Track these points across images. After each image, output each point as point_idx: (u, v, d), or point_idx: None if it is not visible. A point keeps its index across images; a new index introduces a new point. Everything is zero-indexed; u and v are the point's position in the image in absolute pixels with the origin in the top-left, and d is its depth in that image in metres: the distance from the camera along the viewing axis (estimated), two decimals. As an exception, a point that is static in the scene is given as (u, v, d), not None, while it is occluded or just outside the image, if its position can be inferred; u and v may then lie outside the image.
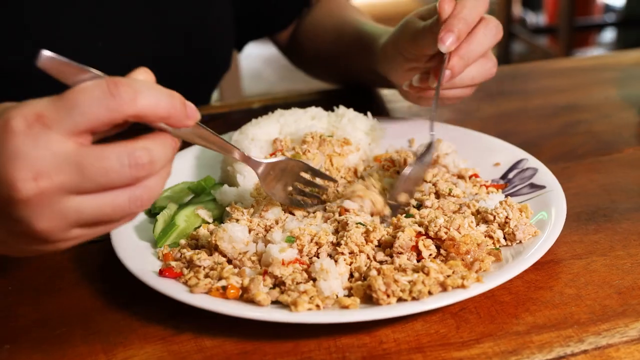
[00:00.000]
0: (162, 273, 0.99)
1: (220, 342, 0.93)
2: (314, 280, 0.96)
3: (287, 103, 1.64)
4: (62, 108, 0.71)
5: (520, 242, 1.04)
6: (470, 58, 1.15)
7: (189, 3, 1.54)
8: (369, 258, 1.00)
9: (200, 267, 0.99)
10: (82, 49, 1.38)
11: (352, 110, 1.30)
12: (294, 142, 1.23)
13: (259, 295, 0.92)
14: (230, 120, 1.61)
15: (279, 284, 0.97)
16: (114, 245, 1.04)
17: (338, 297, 0.95)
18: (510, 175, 1.23)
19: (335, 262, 0.98)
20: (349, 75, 1.65)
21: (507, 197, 1.11)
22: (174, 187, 1.23)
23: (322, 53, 1.69)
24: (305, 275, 0.97)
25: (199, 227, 1.11)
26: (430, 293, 0.92)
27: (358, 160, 1.24)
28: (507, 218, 1.05)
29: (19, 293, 1.04)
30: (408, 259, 0.99)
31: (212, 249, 1.03)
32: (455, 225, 1.00)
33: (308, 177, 1.11)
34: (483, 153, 1.29)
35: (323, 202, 1.14)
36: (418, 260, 0.99)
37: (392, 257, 1.00)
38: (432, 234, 1.00)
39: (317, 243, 1.01)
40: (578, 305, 0.97)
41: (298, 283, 0.95)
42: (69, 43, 1.37)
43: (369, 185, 1.15)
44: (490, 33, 1.16)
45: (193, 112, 0.79)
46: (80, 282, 1.06)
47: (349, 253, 0.99)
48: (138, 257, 1.03)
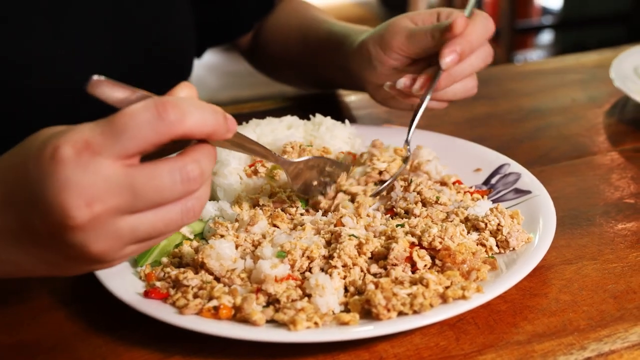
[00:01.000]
0: (147, 294, 0.94)
1: (213, 365, 0.89)
2: (309, 297, 0.92)
3: (253, 112, 1.60)
4: (110, 134, 0.72)
5: (514, 249, 1.02)
6: (458, 76, 1.19)
7: (151, 11, 1.49)
8: (363, 271, 0.97)
9: (188, 286, 0.94)
10: (41, 57, 1.32)
11: (329, 119, 1.27)
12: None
13: (255, 315, 0.88)
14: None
15: (273, 302, 0.93)
16: (92, 266, 0.98)
17: (334, 313, 0.92)
18: (493, 181, 1.21)
19: (330, 276, 0.94)
20: (316, 76, 1.62)
21: (497, 204, 1.09)
22: (148, 202, 1.17)
23: (287, 53, 1.65)
24: (300, 292, 0.93)
25: (180, 244, 1.07)
26: (431, 305, 0.89)
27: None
28: (499, 225, 1.03)
29: (-9, 320, 0.98)
30: (403, 271, 0.96)
31: (197, 267, 0.98)
32: (449, 235, 0.98)
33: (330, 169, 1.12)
34: (462, 159, 1.27)
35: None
36: (413, 272, 0.97)
37: (386, 269, 0.97)
38: (425, 244, 0.98)
39: (308, 257, 0.97)
40: (575, 312, 0.96)
41: (293, 300, 0.92)
42: (28, 51, 1.30)
43: None
44: (482, 56, 1.21)
45: (233, 124, 0.80)
46: (54, 305, 1.00)
47: (342, 266, 0.96)
48: (117, 277, 0.98)
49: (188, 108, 0.74)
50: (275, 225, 1.07)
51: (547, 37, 6.47)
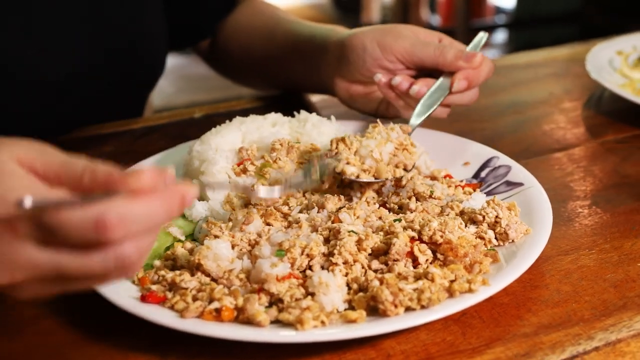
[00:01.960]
0: (144, 299, 0.91)
1: (216, 369, 0.86)
2: (312, 295, 0.90)
3: (230, 111, 1.57)
4: (38, 230, 0.68)
5: (513, 241, 1.01)
6: (444, 102, 1.26)
7: (127, 10, 1.46)
8: (364, 267, 0.95)
9: (187, 289, 0.91)
10: (12, 58, 1.28)
11: (315, 115, 1.25)
12: (260, 150, 1.17)
13: (260, 316, 0.86)
14: (172, 132, 1.51)
15: (275, 302, 0.90)
16: (82, 272, 0.95)
17: (338, 310, 0.90)
18: (483, 174, 1.21)
19: (332, 273, 0.92)
20: (280, 77, 1.59)
21: (494, 196, 1.08)
22: (133, 204, 1.14)
23: (251, 54, 1.62)
24: (303, 291, 0.91)
25: (171, 246, 1.03)
26: (439, 300, 0.88)
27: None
28: (497, 217, 1.02)
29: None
30: (405, 266, 0.94)
31: (193, 269, 0.95)
32: (450, 228, 0.97)
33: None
34: (449, 153, 1.26)
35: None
36: (414, 267, 0.95)
37: (387, 264, 0.95)
38: (426, 239, 0.96)
39: (308, 255, 0.95)
40: (578, 302, 0.96)
41: (297, 299, 0.89)
42: (2, 50, 1.26)
43: None
44: (471, 95, 1.29)
45: (190, 198, 0.72)
46: (44, 314, 0.96)
47: (343, 263, 0.94)
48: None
49: (131, 220, 0.67)
50: (269, 224, 1.05)
51: (500, 36, 6.55)
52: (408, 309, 0.88)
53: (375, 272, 0.95)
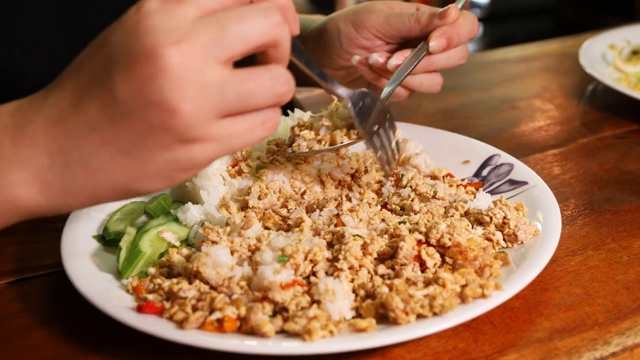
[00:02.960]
0: (141, 309, 0.86)
1: (218, 382, 0.82)
2: (318, 303, 0.86)
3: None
4: None
5: (522, 242, 0.98)
6: (434, 65, 1.17)
7: (106, 11, 1.40)
8: (370, 272, 0.91)
9: (185, 298, 0.86)
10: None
11: (310, 114, 1.21)
12: (255, 149, 1.12)
13: (265, 326, 0.81)
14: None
15: (280, 311, 0.86)
16: (73, 280, 0.90)
17: (346, 319, 0.85)
18: (484, 173, 1.17)
19: (338, 280, 0.88)
20: None
21: (501, 195, 1.05)
22: (122, 208, 1.09)
23: None
24: (308, 298, 0.86)
25: (165, 252, 0.99)
26: (451, 306, 0.84)
27: (323, 166, 1.15)
28: (505, 218, 0.99)
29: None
30: (412, 271, 0.91)
31: (191, 277, 0.90)
32: (458, 230, 0.93)
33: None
34: (448, 151, 1.23)
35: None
36: (422, 271, 0.91)
37: (394, 269, 0.91)
38: (433, 242, 0.93)
39: (311, 260, 0.90)
40: (591, 305, 0.93)
41: (303, 308, 0.85)
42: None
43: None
44: (460, 54, 1.19)
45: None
46: (33, 326, 0.91)
47: (349, 269, 0.90)
48: (103, 291, 0.89)
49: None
50: (267, 227, 1.01)
51: (475, 30, 6.52)
52: (419, 316, 0.84)
53: (382, 277, 0.91)
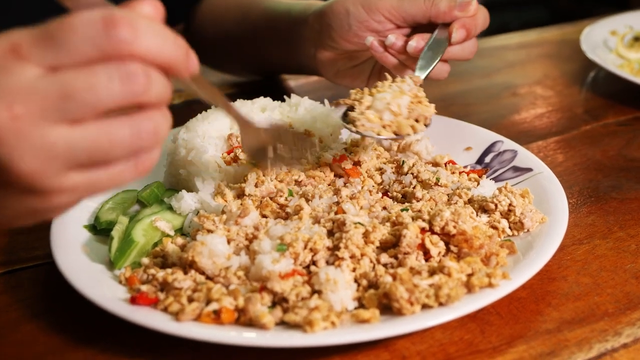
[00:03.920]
0: (134, 300, 0.82)
1: (216, 376, 0.79)
2: (319, 293, 0.83)
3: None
4: (43, 42, 0.61)
5: (528, 230, 0.95)
6: (444, 56, 1.14)
7: None
8: (372, 262, 0.88)
9: (180, 289, 0.83)
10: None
11: (307, 99, 1.17)
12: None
13: (264, 317, 0.78)
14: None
15: (279, 302, 0.83)
16: (64, 272, 0.86)
17: (348, 310, 0.82)
18: (487, 159, 1.14)
19: (339, 269, 0.85)
20: (257, 57, 1.51)
21: (506, 182, 1.01)
22: (114, 197, 1.05)
23: (226, 35, 1.53)
24: (309, 288, 0.83)
25: (159, 241, 0.95)
26: (457, 296, 0.81)
27: (320, 152, 1.11)
28: (510, 206, 0.96)
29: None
30: (416, 259, 0.87)
31: (186, 267, 0.87)
32: (463, 218, 0.89)
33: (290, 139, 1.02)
34: (449, 138, 1.19)
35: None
36: (426, 260, 0.88)
37: (397, 258, 0.88)
38: (437, 229, 0.89)
39: (311, 249, 0.87)
40: (600, 295, 0.90)
41: (303, 298, 0.82)
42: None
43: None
44: (470, 47, 1.17)
45: (194, 63, 0.69)
46: (23, 319, 0.88)
47: (350, 257, 0.87)
48: (94, 283, 0.86)
49: (143, 28, 0.62)
50: (264, 216, 0.97)
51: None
52: (424, 307, 0.81)
53: (385, 266, 0.88)
